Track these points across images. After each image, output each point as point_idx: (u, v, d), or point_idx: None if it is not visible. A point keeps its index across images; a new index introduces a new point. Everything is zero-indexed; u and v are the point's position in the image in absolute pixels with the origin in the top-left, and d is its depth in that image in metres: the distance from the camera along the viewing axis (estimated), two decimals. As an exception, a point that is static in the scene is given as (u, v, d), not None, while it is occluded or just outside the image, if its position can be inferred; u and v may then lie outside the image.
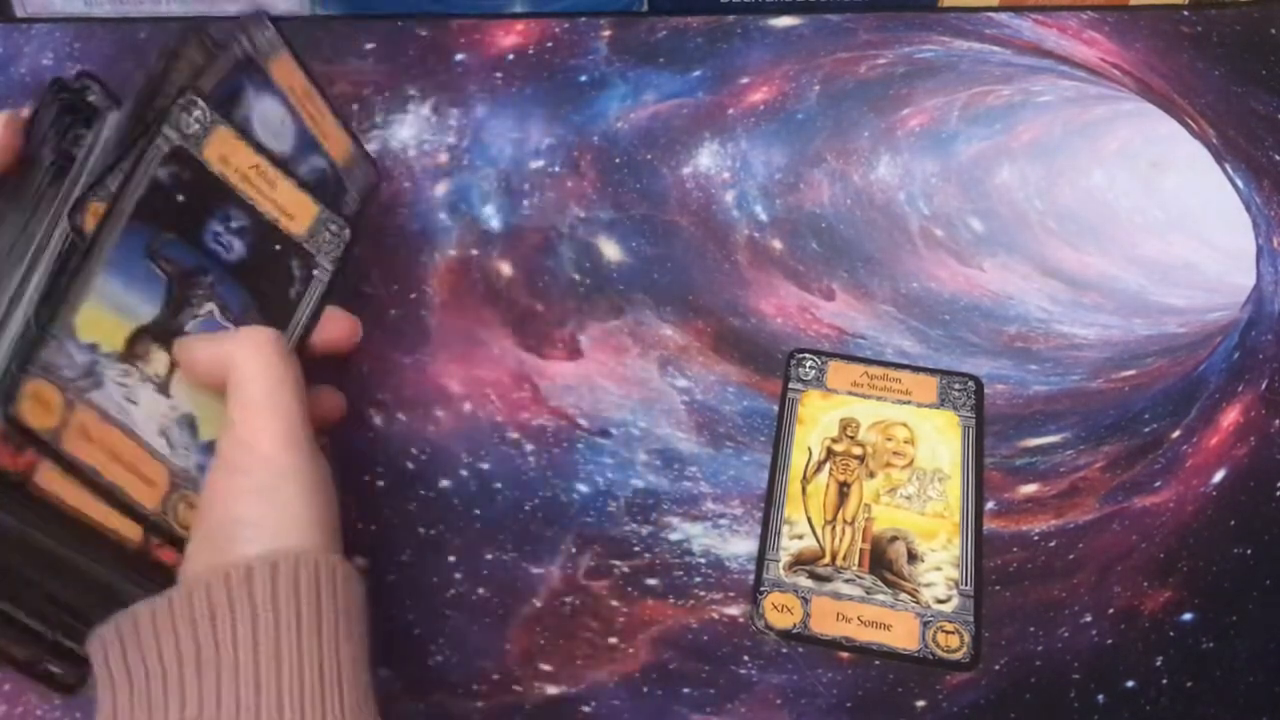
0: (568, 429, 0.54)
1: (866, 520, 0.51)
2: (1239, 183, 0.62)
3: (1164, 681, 0.47)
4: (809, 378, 0.55)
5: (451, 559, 0.51)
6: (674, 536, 0.51)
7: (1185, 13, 0.67)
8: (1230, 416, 0.55)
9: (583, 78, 0.66)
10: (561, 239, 0.60)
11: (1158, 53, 0.66)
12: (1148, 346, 0.58)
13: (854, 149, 0.64)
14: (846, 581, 0.50)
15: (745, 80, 0.66)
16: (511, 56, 0.66)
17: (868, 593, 0.49)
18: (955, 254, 0.61)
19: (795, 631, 0.48)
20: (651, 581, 0.50)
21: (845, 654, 0.48)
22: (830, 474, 0.52)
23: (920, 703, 0.47)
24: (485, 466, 0.53)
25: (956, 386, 0.55)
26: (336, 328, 0.48)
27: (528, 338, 0.57)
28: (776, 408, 0.54)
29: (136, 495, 0.40)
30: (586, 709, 0.47)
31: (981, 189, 0.63)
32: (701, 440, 0.54)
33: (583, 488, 0.52)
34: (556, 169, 0.63)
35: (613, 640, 0.48)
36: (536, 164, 0.63)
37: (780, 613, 0.48)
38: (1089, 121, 0.65)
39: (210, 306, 0.44)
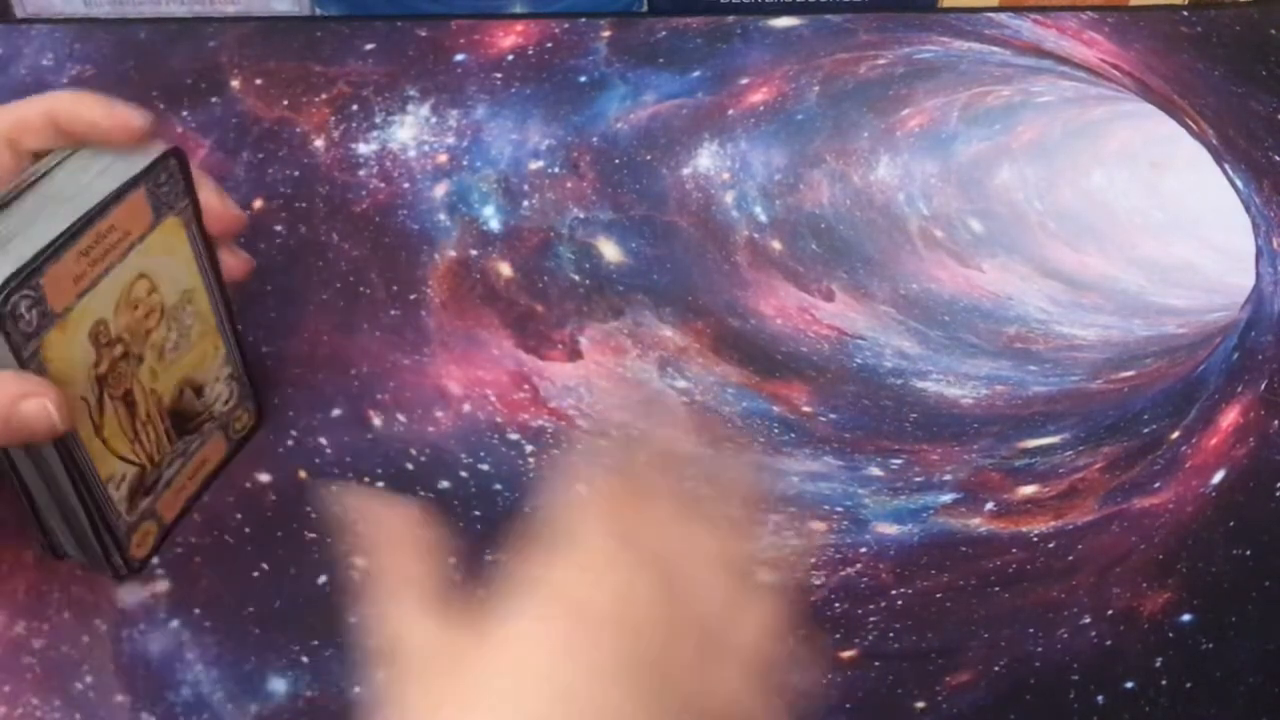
0: (567, 430, 0.54)
1: (156, 402, 0.44)
2: (1239, 183, 0.62)
3: (1163, 682, 0.47)
4: (32, 322, 0.37)
5: (451, 560, 0.51)
6: (673, 537, 0.51)
7: (1185, 13, 0.67)
8: (1230, 417, 0.55)
9: (582, 78, 0.66)
10: (561, 239, 0.60)
11: (1157, 53, 0.66)
12: (1147, 347, 0.58)
13: (853, 149, 0.64)
14: (169, 465, 0.46)
15: (745, 81, 0.66)
16: (511, 57, 0.66)
17: (185, 455, 0.46)
18: (955, 254, 0.61)
19: (159, 540, 0.46)
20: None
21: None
22: (110, 398, 0.42)
23: (920, 704, 0.47)
24: (485, 468, 0.53)
25: (162, 179, 0.41)
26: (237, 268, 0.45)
27: (527, 338, 0.57)
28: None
29: None
30: (586, 710, 0.47)
31: (981, 189, 0.63)
32: (701, 441, 0.54)
33: (582, 489, 0.52)
34: (556, 170, 0.63)
35: (612, 641, 0.48)
36: (536, 164, 0.63)
37: (143, 542, 0.45)
38: (1089, 122, 0.65)
39: None
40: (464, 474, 0.53)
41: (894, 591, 0.50)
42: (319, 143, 0.63)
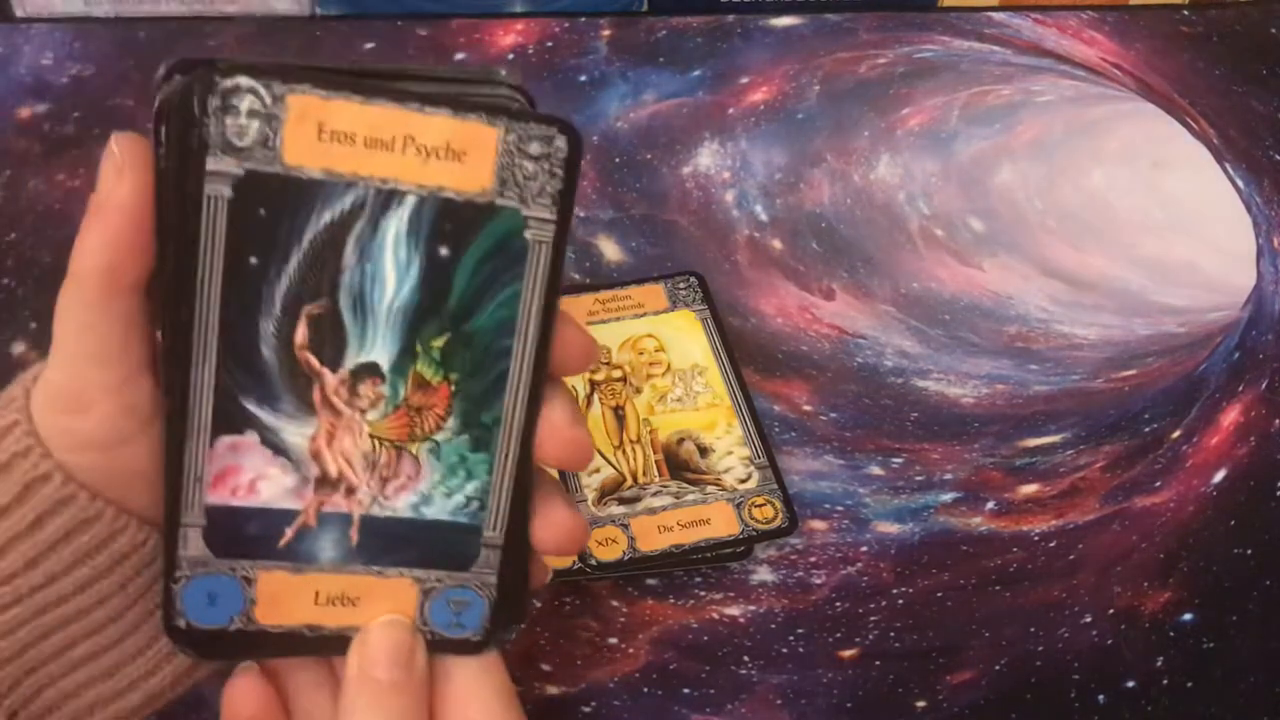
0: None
1: (650, 433, 0.52)
2: (1239, 183, 0.62)
3: (1164, 681, 0.47)
4: None
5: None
6: (674, 536, 0.51)
7: (1185, 13, 0.67)
8: (1230, 416, 0.55)
9: (583, 77, 0.65)
10: (561, 239, 0.60)
11: (1158, 53, 0.66)
12: (1148, 346, 0.58)
13: (854, 149, 0.64)
14: (654, 495, 0.50)
15: (745, 80, 0.66)
16: (511, 56, 0.66)
17: (677, 498, 0.50)
18: (955, 254, 0.61)
19: (627, 558, 0.48)
20: (651, 581, 0.50)
21: (674, 566, 0.49)
22: (601, 403, 0.53)
23: (920, 703, 0.47)
24: (485, 466, 0.53)
25: (681, 286, 0.57)
26: (575, 351, 0.32)
27: (528, 338, 0.57)
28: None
29: None
30: (586, 709, 0.47)
31: (981, 189, 0.63)
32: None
33: (583, 488, 0.52)
34: (556, 169, 0.62)
35: (613, 640, 0.48)
36: (536, 164, 0.63)
37: (607, 546, 0.49)
38: (1089, 121, 0.65)
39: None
40: (464, 473, 0.53)
41: (895, 590, 0.50)
42: (319, 142, 0.63)
